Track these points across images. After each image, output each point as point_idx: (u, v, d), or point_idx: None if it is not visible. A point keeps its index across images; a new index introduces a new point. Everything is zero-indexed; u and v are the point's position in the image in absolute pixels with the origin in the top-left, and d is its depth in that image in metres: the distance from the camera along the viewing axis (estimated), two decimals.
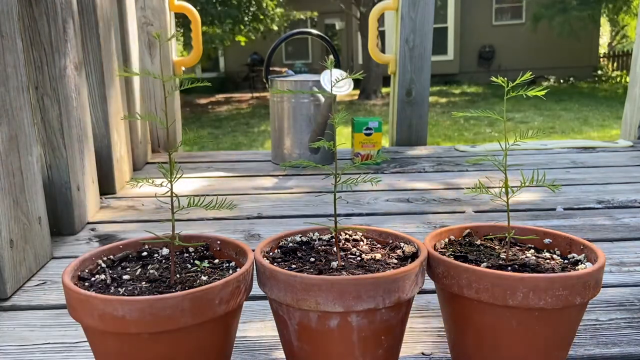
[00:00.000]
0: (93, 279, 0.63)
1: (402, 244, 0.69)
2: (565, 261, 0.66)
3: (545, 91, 0.66)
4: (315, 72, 2.34)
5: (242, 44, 11.01)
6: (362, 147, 1.87)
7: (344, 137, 4.91)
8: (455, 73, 12.85)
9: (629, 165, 1.85)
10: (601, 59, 14.08)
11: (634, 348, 0.76)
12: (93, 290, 0.59)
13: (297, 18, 11.69)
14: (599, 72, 13.39)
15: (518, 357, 0.62)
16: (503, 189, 0.67)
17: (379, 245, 0.71)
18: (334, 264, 0.64)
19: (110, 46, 1.52)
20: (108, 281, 0.62)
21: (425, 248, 0.65)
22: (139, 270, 0.65)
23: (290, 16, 11.35)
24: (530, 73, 0.66)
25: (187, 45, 8.15)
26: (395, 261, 0.65)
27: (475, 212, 1.37)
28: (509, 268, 0.64)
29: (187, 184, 1.66)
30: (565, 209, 1.39)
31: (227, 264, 0.68)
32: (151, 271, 0.64)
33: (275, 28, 10.82)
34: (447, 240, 0.72)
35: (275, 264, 0.64)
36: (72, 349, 0.78)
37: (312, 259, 0.66)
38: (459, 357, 0.68)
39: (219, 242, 0.71)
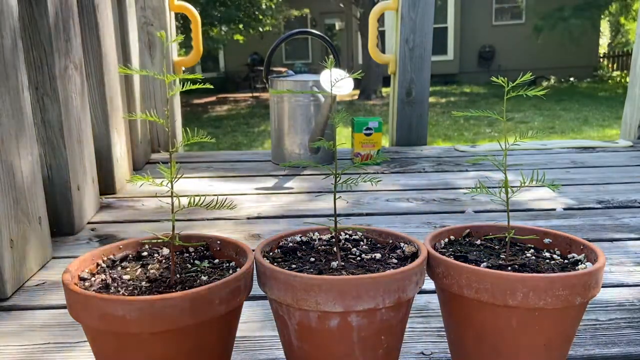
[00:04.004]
0: (93, 279, 0.63)
1: (402, 244, 0.69)
2: (565, 261, 0.66)
3: (545, 91, 0.66)
4: (315, 72, 2.34)
5: (241, 41, 11.02)
6: (362, 147, 1.87)
7: (344, 137, 4.91)
8: (455, 73, 12.85)
9: (629, 165, 1.85)
10: (601, 59, 14.08)
11: (634, 348, 0.76)
12: (93, 290, 0.59)
13: (294, 16, 11.68)
14: (599, 72, 13.39)
15: (518, 357, 0.62)
16: (503, 189, 0.67)
17: (379, 245, 0.71)
18: (334, 264, 0.64)
19: (111, 46, 1.52)
20: (108, 281, 0.62)
21: (425, 248, 0.65)
22: (139, 270, 0.65)
23: (288, 15, 11.35)
24: (531, 73, 0.66)
25: (186, 47, 8.15)
26: (395, 261, 0.65)
27: (475, 212, 1.37)
28: (509, 268, 0.64)
29: (187, 184, 1.66)
30: (565, 209, 1.39)
31: (227, 264, 0.68)
32: (151, 271, 0.64)
33: (270, 29, 10.85)
34: (447, 240, 0.72)
35: (275, 264, 0.64)
36: (72, 349, 0.78)
37: (312, 259, 0.66)
38: (459, 357, 0.68)
39: (219, 242, 0.71)
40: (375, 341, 0.61)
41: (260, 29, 10.83)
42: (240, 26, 10.36)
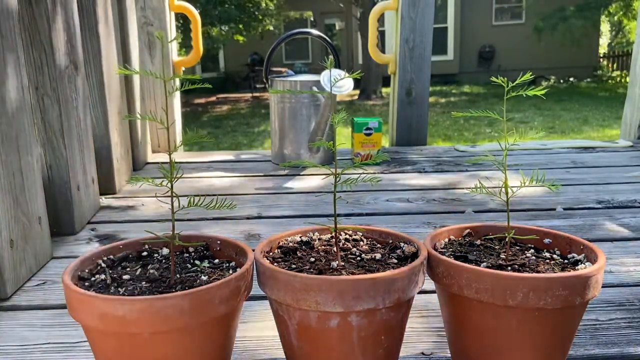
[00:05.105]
0: (93, 279, 0.63)
1: (402, 244, 0.69)
2: (565, 261, 0.66)
3: (545, 91, 0.66)
4: (315, 72, 2.34)
5: (241, 41, 11.02)
6: (362, 147, 1.87)
7: (344, 137, 4.91)
8: (455, 73, 12.85)
9: (629, 165, 1.85)
10: (601, 59, 14.08)
11: (633, 348, 0.76)
12: (93, 290, 0.59)
13: (295, 17, 11.67)
14: (599, 72, 13.39)
15: (518, 357, 0.62)
16: (503, 189, 0.67)
17: (379, 245, 0.71)
18: (334, 264, 0.64)
19: (110, 46, 1.52)
20: (108, 281, 0.62)
21: (425, 248, 0.65)
22: (139, 270, 0.65)
23: (288, 16, 11.36)
24: (530, 73, 0.66)
25: (186, 47, 8.15)
26: (395, 261, 0.65)
27: (475, 212, 1.37)
28: (509, 268, 0.64)
29: (187, 184, 1.66)
30: (565, 209, 1.39)
31: (227, 264, 0.68)
32: (151, 271, 0.64)
33: (270, 29, 10.86)
34: (447, 240, 0.72)
35: (275, 263, 0.64)
36: (72, 349, 0.78)
37: (312, 259, 0.66)
38: (459, 357, 0.68)
39: (219, 242, 0.71)
40: (375, 341, 0.61)
41: (260, 29, 10.84)
42: (240, 26, 10.36)
